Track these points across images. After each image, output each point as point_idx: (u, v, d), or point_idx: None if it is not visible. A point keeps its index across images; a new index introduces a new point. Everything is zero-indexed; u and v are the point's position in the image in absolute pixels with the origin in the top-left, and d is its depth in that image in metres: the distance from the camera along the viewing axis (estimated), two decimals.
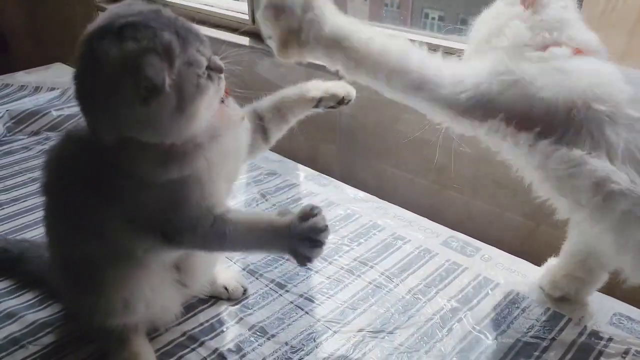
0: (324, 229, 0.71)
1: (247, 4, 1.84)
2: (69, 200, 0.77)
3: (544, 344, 0.88)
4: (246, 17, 1.87)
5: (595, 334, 0.90)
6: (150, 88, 0.61)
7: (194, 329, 0.93)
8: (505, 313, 0.95)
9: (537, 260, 1.10)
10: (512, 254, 1.12)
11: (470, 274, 1.05)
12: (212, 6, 2.03)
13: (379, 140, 1.57)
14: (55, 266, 0.86)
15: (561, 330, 0.91)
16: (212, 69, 0.69)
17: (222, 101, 0.76)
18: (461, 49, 1.10)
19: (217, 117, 0.75)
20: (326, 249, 1.10)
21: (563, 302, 0.97)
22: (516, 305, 0.97)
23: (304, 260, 0.72)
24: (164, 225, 0.74)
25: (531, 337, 0.90)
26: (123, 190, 0.72)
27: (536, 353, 0.87)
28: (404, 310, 0.96)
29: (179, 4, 2.11)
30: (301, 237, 0.71)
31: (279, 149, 1.73)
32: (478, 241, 1.15)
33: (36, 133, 1.62)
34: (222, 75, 0.72)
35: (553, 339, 0.89)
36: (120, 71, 0.61)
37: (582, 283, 0.95)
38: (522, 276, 1.04)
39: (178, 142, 0.70)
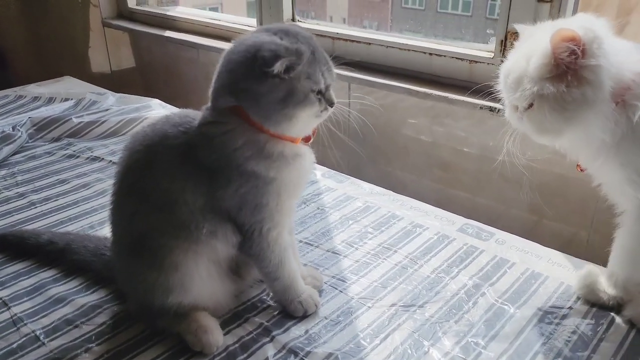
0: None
1: (256, 20, 1.94)
2: (154, 173, 0.85)
3: (562, 312, 0.96)
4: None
5: None
6: (265, 69, 0.76)
7: (237, 307, 0.99)
8: (524, 287, 1.03)
9: None
10: None
11: (488, 255, 1.13)
12: (219, 20, 2.12)
13: (387, 143, 1.66)
14: (118, 246, 0.92)
15: (577, 300, 0.99)
16: (326, 98, 0.84)
17: (308, 140, 0.90)
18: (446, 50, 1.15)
19: (299, 145, 0.89)
20: (351, 237, 1.20)
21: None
22: (533, 281, 1.05)
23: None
24: (236, 219, 0.87)
25: (550, 306, 0.98)
26: (209, 166, 0.83)
27: (556, 320, 0.95)
28: (430, 287, 1.04)
29: (190, 19, 2.20)
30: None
31: None
32: (491, 227, 1.24)
33: (57, 139, 1.68)
34: (330, 109, 0.86)
35: (570, 307, 0.97)
36: (257, 49, 0.78)
37: None
38: (536, 256, 1.12)
39: (274, 131, 0.83)
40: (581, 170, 0.95)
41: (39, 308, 0.98)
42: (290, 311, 0.96)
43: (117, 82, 2.64)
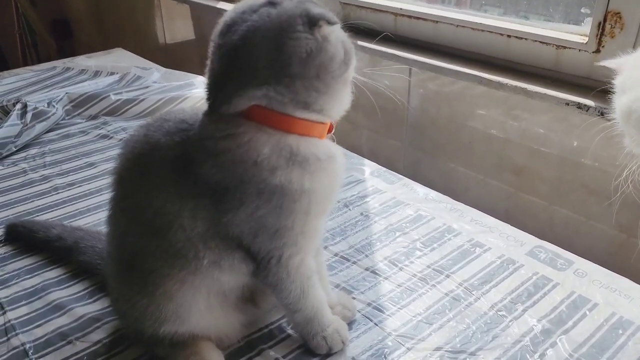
0: None
1: None
2: (145, 187, 0.71)
3: None
4: None
5: None
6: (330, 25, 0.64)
7: (252, 334, 0.84)
8: (608, 339, 0.82)
9: (635, 279, 0.95)
10: None
11: (563, 291, 0.92)
12: None
13: (450, 136, 1.45)
14: (109, 260, 0.79)
15: None
16: None
17: (331, 131, 0.75)
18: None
19: (328, 141, 0.74)
20: (395, 253, 1.02)
21: None
22: (620, 331, 0.83)
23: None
24: (249, 247, 0.71)
25: None
26: (214, 186, 0.67)
27: None
28: (487, 329, 0.85)
29: None
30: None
31: (339, 141, 1.64)
32: (570, 253, 1.02)
33: (94, 117, 1.59)
34: None
35: None
36: (298, 16, 0.64)
37: None
38: (626, 297, 0.90)
39: (323, 110, 0.68)
40: None
41: (35, 315, 0.88)
42: (312, 347, 0.80)
43: (171, 55, 2.54)
